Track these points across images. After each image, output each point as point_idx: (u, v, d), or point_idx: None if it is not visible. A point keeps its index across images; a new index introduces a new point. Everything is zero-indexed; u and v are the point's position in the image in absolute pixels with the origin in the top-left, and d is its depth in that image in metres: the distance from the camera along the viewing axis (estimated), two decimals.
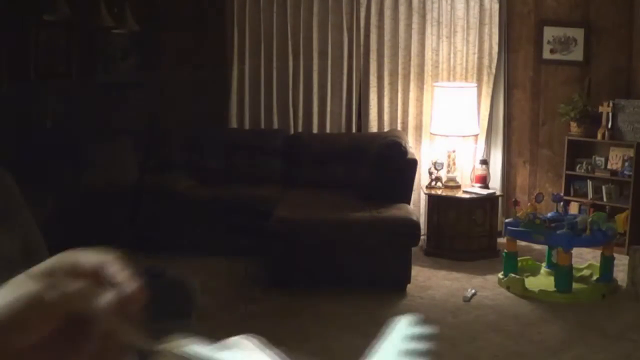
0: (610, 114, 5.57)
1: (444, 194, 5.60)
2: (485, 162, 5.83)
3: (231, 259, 5.08)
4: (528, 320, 4.27)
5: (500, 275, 4.89)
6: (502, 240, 5.39)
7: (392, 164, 5.13)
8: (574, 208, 5.64)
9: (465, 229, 5.45)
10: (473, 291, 4.69)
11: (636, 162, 5.43)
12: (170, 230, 5.33)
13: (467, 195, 5.55)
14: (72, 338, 0.61)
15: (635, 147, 5.44)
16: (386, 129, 5.92)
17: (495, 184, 5.90)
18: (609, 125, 5.58)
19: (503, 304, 4.53)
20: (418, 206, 5.84)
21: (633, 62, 5.71)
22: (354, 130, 6.06)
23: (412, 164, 5.29)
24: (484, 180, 5.71)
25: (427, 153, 5.92)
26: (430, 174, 5.72)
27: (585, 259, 5.21)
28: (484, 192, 5.60)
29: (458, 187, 5.67)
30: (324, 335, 3.97)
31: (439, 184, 5.68)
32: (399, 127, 5.93)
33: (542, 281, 4.79)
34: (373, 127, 5.98)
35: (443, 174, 5.71)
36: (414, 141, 5.91)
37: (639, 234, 5.35)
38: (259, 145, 5.78)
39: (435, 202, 5.60)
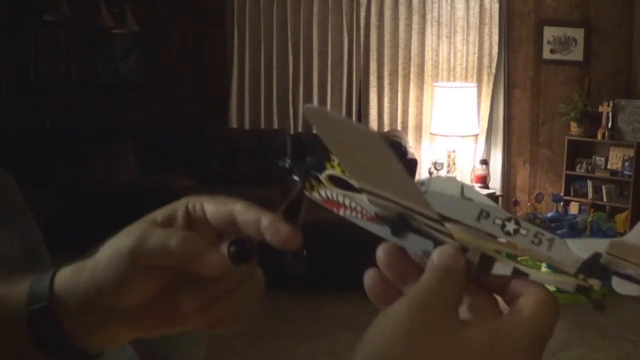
0: (610, 114, 5.57)
1: None
2: (485, 162, 5.83)
3: None
4: None
5: None
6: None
7: None
8: (574, 208, 5.64)
9: None
10: None
11: (636, 162, 5.43)
12: None
13: None
14: (181, 297, 0.55)
15: (635, 147, 5.44)
16: (386, 129, 5.92)
17: (495, 184, 5.90)
18: (609, 125, 5.58)
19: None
20: None
21: (633, 62, 5.71)
22: None
23: (412, 164, 5.29)
24: (484, 180, 5.71)
25: (427, 153, 5.92)
26: (430, 174, 5.72)
27: None
28: (484, 192, 5.60)
29: None
30: (324, 335, 3.97)
31: None
32: (399, 127, 5.93)
33: None
34: (373, 127, 5.97)
35: (443, 174, 5.71)
36: (414, 141, 5.91)
37: None
38: (259, 145, 5.78)
39: None
